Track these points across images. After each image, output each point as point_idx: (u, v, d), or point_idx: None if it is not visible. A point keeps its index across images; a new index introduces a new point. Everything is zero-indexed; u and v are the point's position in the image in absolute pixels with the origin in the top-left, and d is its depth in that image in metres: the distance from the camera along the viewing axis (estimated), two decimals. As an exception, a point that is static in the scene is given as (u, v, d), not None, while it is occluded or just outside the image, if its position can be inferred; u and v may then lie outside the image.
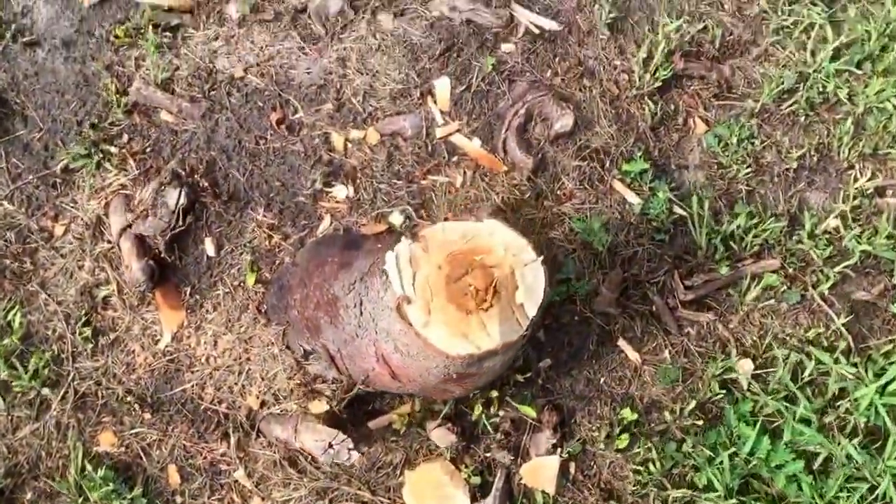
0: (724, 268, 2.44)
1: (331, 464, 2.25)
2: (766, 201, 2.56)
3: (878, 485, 2.23)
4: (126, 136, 2.46)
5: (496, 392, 2.30)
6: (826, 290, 2.46)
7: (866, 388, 2.31)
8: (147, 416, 2.30)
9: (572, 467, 2.32)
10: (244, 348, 2.32)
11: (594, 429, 2.34)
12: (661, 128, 2.58)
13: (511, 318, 1.74)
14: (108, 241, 2.38)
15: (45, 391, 2.27)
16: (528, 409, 2.30)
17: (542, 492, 2.28)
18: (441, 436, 2.29)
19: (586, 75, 2.57)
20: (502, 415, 2.32)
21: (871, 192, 2.57)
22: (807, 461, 2.29)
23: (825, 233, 2.51)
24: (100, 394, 2.31)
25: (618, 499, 2.30)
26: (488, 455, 2.31)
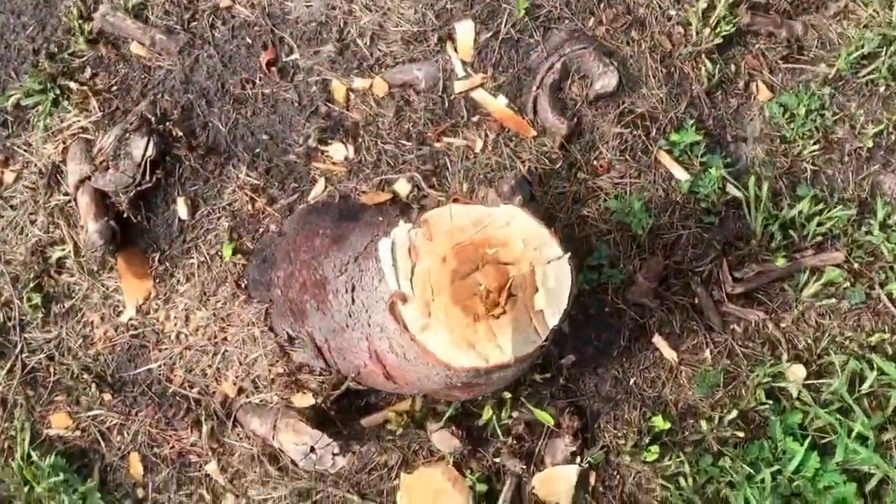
0: (780, 259, 2.14)
1: (311, 470, 1.98)
2: (834, 184, 2.25)
3: (937, 515, 1.99)
4: (89, 71, 2.16)
5: (509, 393, 2.02)
6: (895, 291, 2.17)
7: (933, 404, 2.05)
8: (107, 397, 2.03)
9: (592, 477, 2.05)
10: (220, 327, 2.03)
11: (620, 436, 2.06)
12: (717, 92, 2.26)
13: (527, 326, 1.46)
14: (64, 194, 2.06)
15: (-13, 366, 1.99)
16: (545, 416, 2.02)
17: (557, 504, 2.01)
18: (443, 439, 2.01)
19: (635, 26, 2.23)
20: (516, 416, 2.04)
21: (957, 180, 2.27)
22: (859, 483, 2.04)
23: (899, 224, 2.22)
24: (52, 369, 2.04)
25: (641, 515, 2.03)
26: (497, 461, 2.04)
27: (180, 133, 2.00)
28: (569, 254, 1.48)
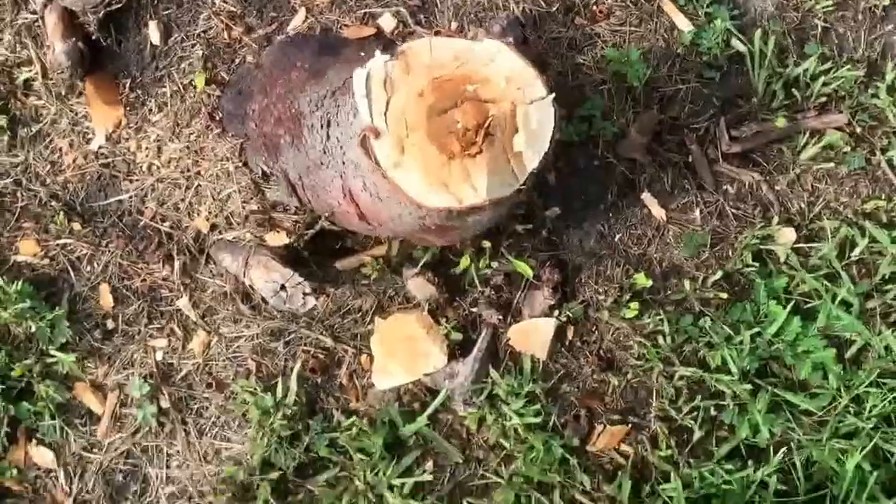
0: (780, 119, 2.04)
1: (282, 309, 1.93)
2: (844, 43, 2.12)
3: (915, 382, 1.94)
4: None
5: (489, 242, 1.94)
6: (896, 158, 2.08)
7: (922, 274, 1.98)
8: (76, 226, 1.96)
9: (570, 332, 2.00)
10: (193, 160, 1.94)
11: (601, 292, 2.00)
12: (728, -62, 2.10)
13: (505, 168, 1.39)
14: (32, 12, 1.94)
15: (-48, 186, 1.91)
16: (524, 267, 1.96)
17: (532, 356, 1.97)
18: (419, 286, 1.96)
19: None
20: (495, 267, 1.97)
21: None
22: (838, 349, 1.99)
23: (907, 89, 2.09)
24: (20, 195, 1.96)
25: (617, 370, 1.99)
26: (474, 311, 1.99)
27: (152, -52, 1.86)
28: (553, 94, 1.39)
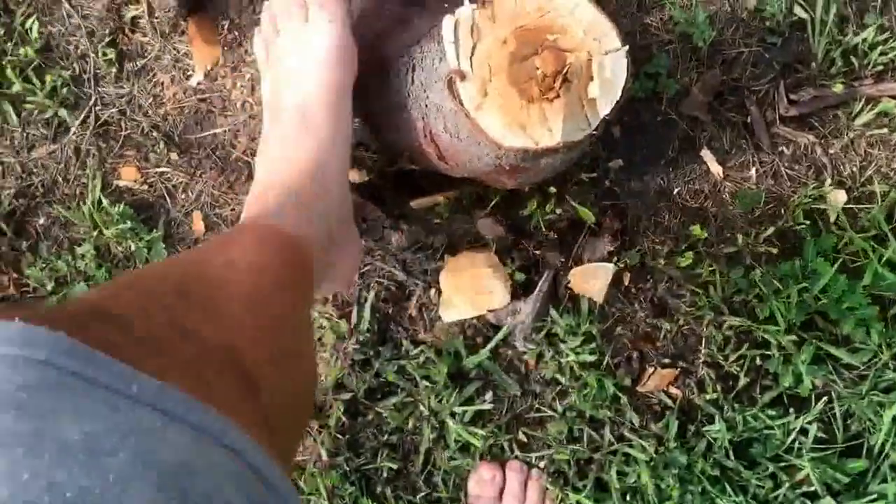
0: (837, 85, 2.13)
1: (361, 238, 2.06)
2: (904, 14, 2.20)
3: (957, 342, 2.04)
4: None
5: (555, 188, 2.07)
6: (948, 127, 2.16)
7: (968, 239, 2.06)
8: (174, 156, 2.10)
9: (626, 278, 2.12)
10: (284, 98, 2.06)
11: (658, 241, 2.12)
12: None
13: (579, 114, 1.47)
14: (141, -46, 2.08)
15: (63, 112, 2.06)
16: (587, 213, 2.08)
17: (590, 299, 2.10)
18: (488, 226, 2.09)
19: None
20: (559, 213, 2.10)
21: None
22: (882, 308, 2.08)
23: (964, 61, 2.16)
24: (123, 124, 2.11)
25: (669, 317, 2.12)
26: (538, 253, 2.11)
27: None
28: (627, 46, 1.48)
